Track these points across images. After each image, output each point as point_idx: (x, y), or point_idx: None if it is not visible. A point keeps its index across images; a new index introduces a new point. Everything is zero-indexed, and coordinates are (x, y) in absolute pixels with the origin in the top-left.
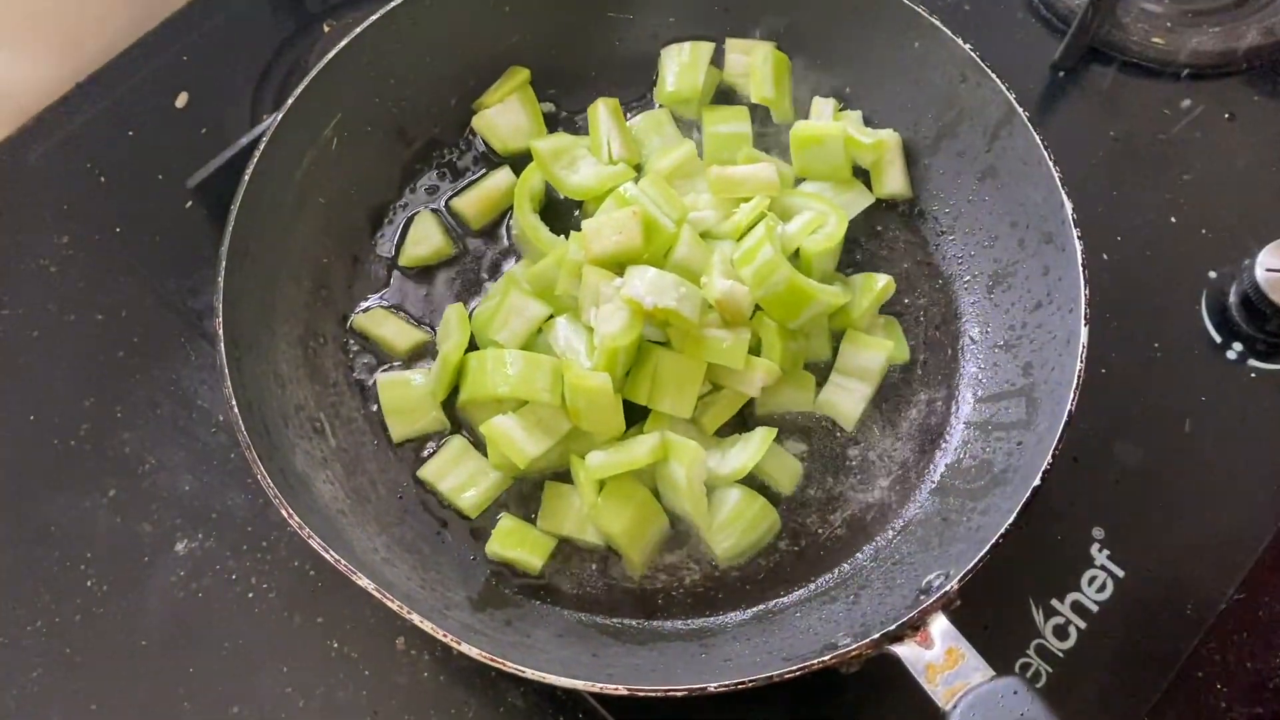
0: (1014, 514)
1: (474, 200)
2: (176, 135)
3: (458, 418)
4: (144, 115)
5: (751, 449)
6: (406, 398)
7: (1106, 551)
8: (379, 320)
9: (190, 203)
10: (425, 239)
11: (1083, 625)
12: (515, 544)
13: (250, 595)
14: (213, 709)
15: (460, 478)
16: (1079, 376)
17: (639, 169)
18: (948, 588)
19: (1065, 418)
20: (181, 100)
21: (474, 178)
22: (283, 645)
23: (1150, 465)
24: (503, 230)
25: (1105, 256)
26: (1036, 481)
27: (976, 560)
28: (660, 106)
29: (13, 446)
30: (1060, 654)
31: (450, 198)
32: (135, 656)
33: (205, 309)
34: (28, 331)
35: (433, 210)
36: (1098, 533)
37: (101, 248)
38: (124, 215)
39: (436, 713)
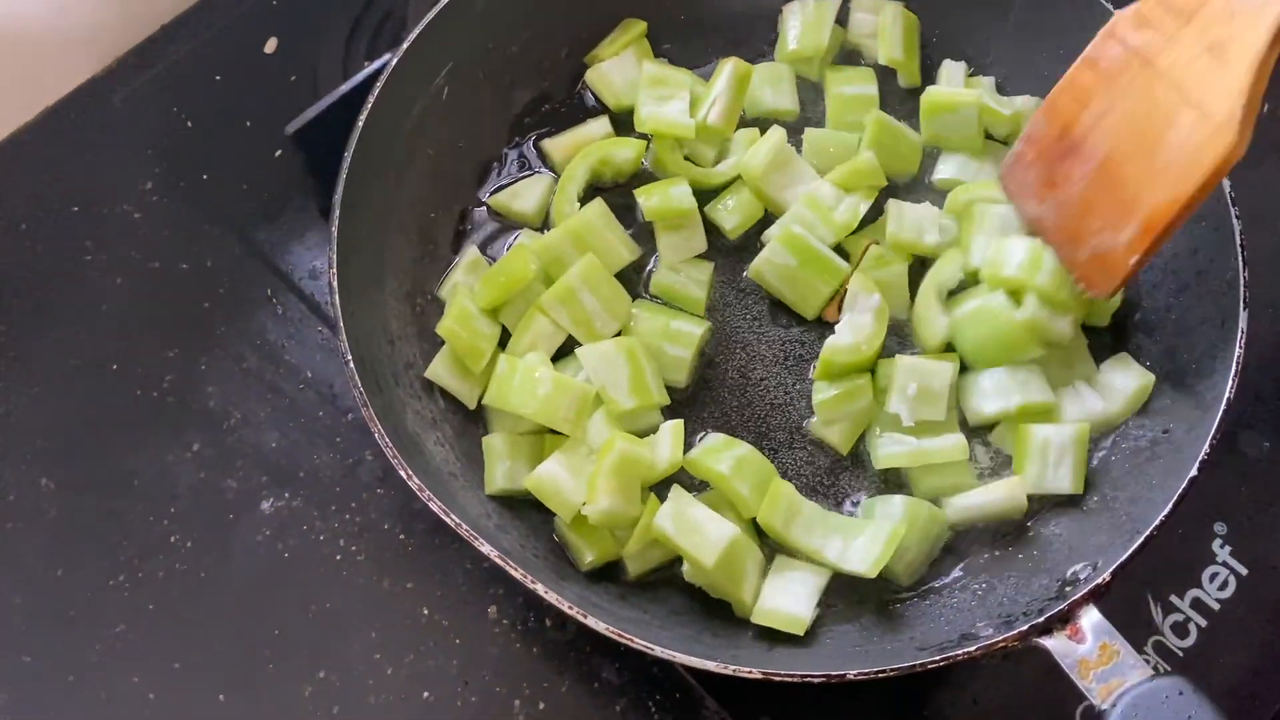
0: (1170, 504)
1: (563, 145)
2: (265, 81)
3: None
4: (232, 60)
5: (879, 542)
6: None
7: (1228, 548)
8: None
9: (280, 151)
10: (524, 197)
11: (1203, 623)
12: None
13: (338, 557)
14: (298, 672)
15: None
16: (1238, 362)
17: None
18: (1099, 579)
19: (1223, 404)
20: (270, 46)
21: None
22: (371, 610)
23: (1276, 457)
24: None
25: None
26: (1193, 471)
27: (1130, 551)
28: None
29: (95, 396)
30: (1179, 652)
31: (540, 137)
32: (219, 616)
33: (294, 261)
34: (111, 278)
35: (554, 177)
36: (1219, 528)
37: (187, 195)
38: (211, 162)
39: (529, 686)
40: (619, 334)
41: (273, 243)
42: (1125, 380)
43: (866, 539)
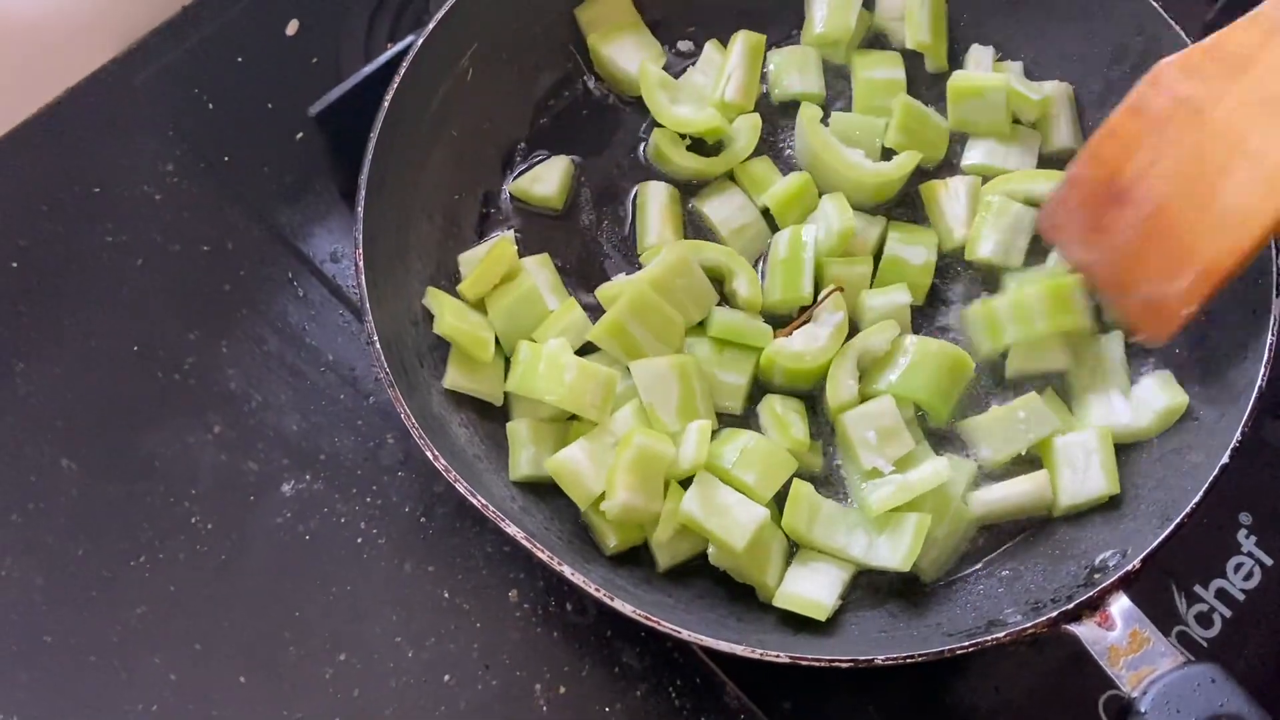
0: (1201, 492)
1: (473, 260)
2: (287, 63)
3: None
4: (254, 41)
5: (906, 540)
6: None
7: (1254, 538)
8: None
9: (301, 133)
10: (544, 180)
11: (1228, 614)
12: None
13: (359, 540)
14: (319, 654)
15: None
16: (1270, 349)
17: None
18: (1129, 566)
19: (1255, 392)
20: (292, 28)
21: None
22: (392, 593)
23: None
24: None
25: None
26: (1225, 459)
27: (1160, 539)
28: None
29: (116, 377)
30: (1204, 642)
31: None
32: (240, 597)
33: (316, 244)
34: (132, 260)
35: (575, 161)
36: (1245, 518)
37: (208, 176)
38: (232, 144)
39: (550, 670)
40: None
41: (294, 225)
42: (1158, 397)
43: (892, 533)
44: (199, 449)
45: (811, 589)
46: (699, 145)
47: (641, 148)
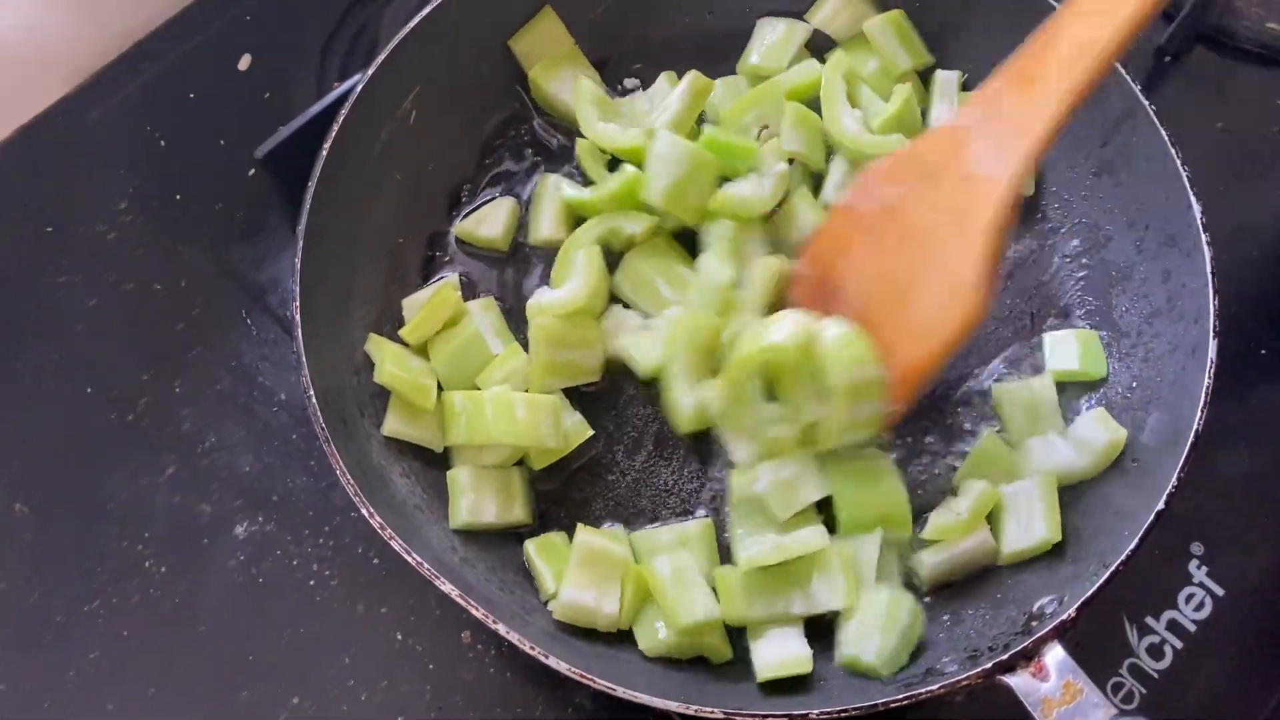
0: (1137, 539)
1: (417, 303)
2: (239, 99)
3: None
4: (206, 77)
5: (838, 579)
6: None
7: (1205, 568)
8: None
9: (253, 170)
10: (490, 222)
11: (1179, 645)
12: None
13: (312, 582)
14: (272, 699)
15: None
16: (1207, 393)
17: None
18: (1064, 615)
19: (1191, 437)
20: (244, 63)
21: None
22: (345, 635)
23: (1256, 476)
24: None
25: None
26: (1160, 505)
27: (1095, 587)
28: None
29: (69, 419)
30: (1155, 675)
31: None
32: (193, 642)
33: (268, 282)
34: (85, 300)
35: (519, 200)
36: (1196, 548)
37: (161, 215)
38: (185, 181)
39: (502, 710)
40: None
41: (247, 263)
42: (1098, 434)
43: (823, 575)
44: (153, 491)
45: (783, 650)
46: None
47: None
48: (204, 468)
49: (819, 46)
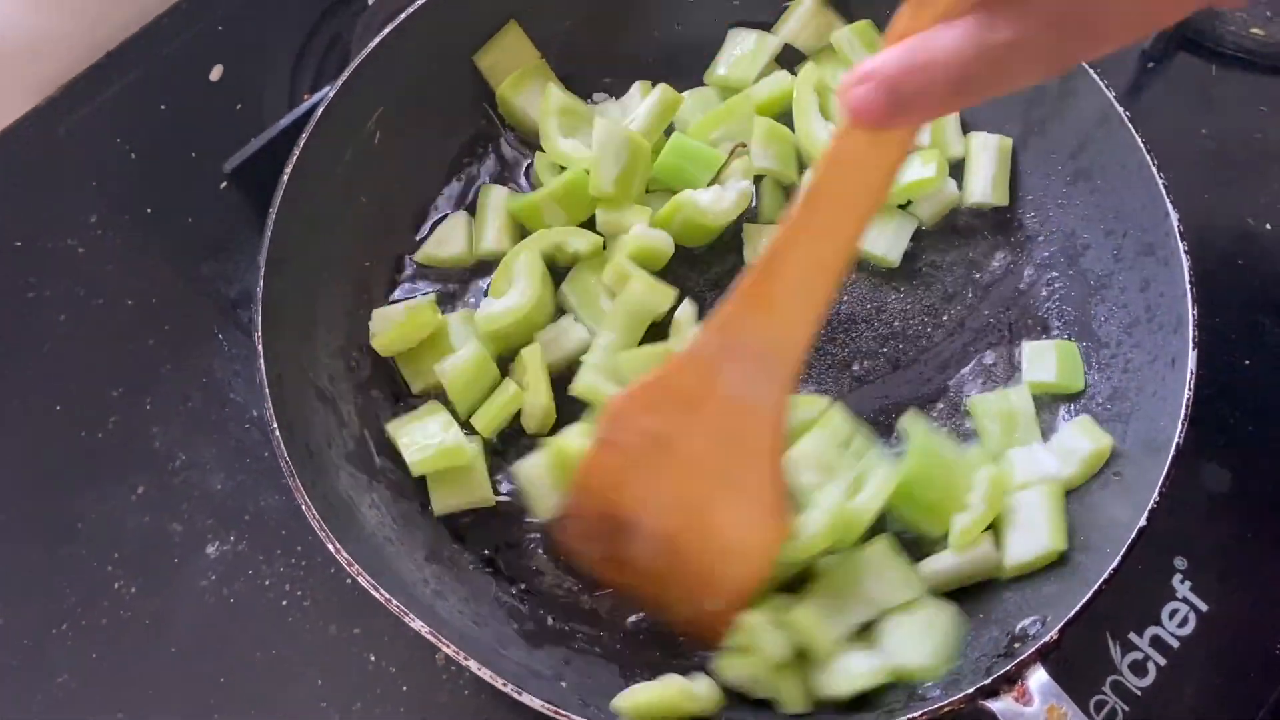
0: (1120, 555)
1: (390, 318)
2: (211, 110)
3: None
4: (177, 88)
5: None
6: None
7: (1189, 583)
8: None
9: (225, 184)
10: (448, 242)
11: (1162, 662)
12: None
13: (284, 603)
14: None
15: None
16: (1188, 405)
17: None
18: (1046, 637)
19: (1173, 450)
20: (216, 73)
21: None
22: (318, 657)
23: (1239, 491)
24: None
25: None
26: (1143, 522)
27: (1078, 606)
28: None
29: (38, 437)
30: (1138, 692)
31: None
32: (163, 664)
33: (240, 297)
34: (54, 316)
35: (468, 210)
36: (1180, 563)
37: (132, 228)
38: (156, 194)
39: None
40: None
41: (219, 277)
42: (1082, 443)
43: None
44: (122, 510)
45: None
46: None
47: None
48: (175, 486)
49: (788, 59)
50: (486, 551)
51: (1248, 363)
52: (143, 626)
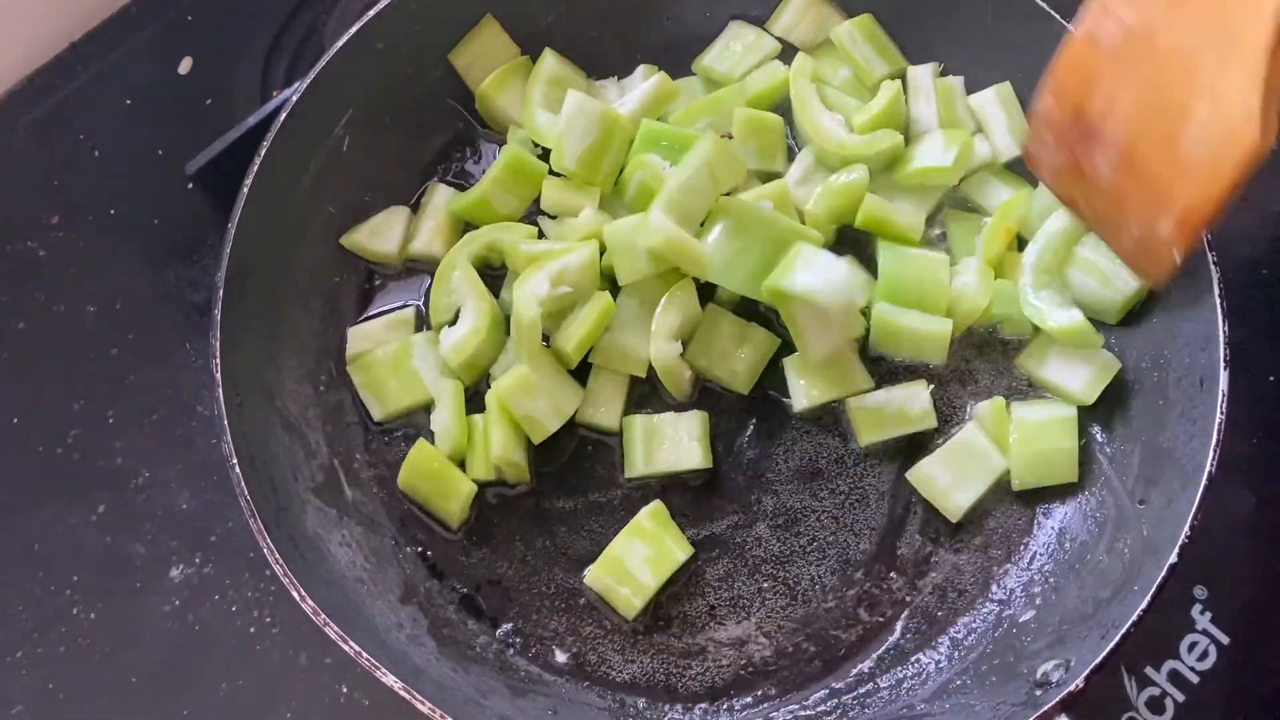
0: (1150, 595)
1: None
2: (179, 105)
3: None
4: (144, 82)
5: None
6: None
7: (1209, 614)
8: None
9: (192, 184)
10: (382, 235)
11: (1181, 698)
12: None
13: (252, 630)
14: None
15: None
16: (1220, 430)
17: None
18: (1071, 686)
19: (1205, 478)
20: (185, 66)
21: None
22: (287, 687)
23: (1262, 514)
24: None
25: None
26: (1173, 558)
27: (1104, 653)
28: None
29: None
30: None
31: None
32: (124, 694)
33: (208, 304)
34: (13, 323)
35: (410, 207)
36: (1199, 592)
37: (95, 230)
38: (120, 195)
39: None
40: None
41: (185, 283)
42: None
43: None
44: (82, 531)
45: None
46: None
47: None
48: (137, 505)
49: (784, 55)
50: (466, 590)
51: (1272, 378)
52: (102, 655)
